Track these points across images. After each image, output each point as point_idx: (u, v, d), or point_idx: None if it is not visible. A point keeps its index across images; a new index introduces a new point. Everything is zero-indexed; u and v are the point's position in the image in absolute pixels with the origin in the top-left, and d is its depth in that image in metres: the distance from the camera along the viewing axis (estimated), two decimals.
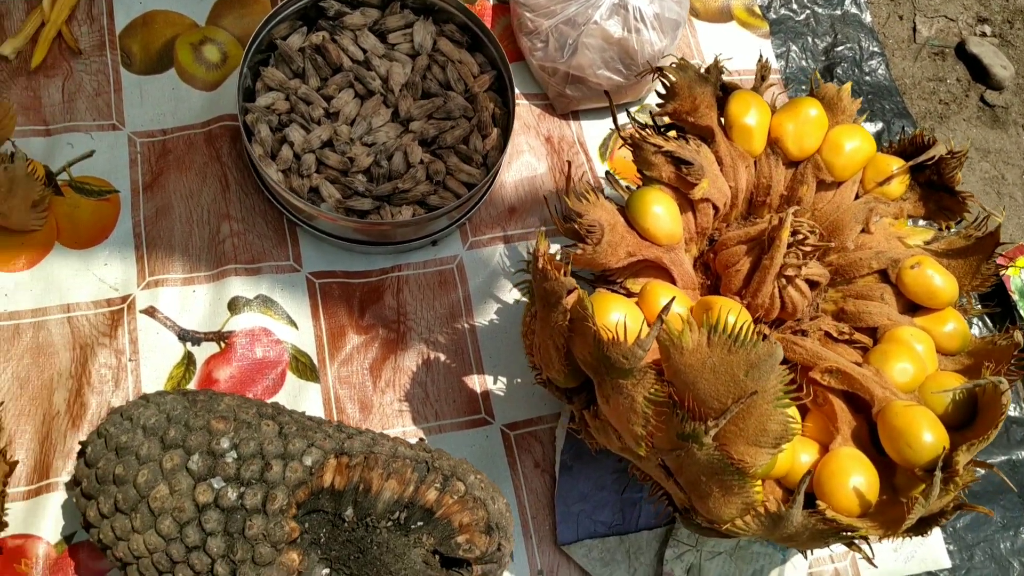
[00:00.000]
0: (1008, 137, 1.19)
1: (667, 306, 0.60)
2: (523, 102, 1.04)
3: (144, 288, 0.88)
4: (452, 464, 0.71)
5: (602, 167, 1.03)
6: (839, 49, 1.18)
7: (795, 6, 1.20)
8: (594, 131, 1.05)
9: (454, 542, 0.68)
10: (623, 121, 1.05)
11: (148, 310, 0.87)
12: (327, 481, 0.68)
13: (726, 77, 0.82)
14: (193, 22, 1.01)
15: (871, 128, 1.14)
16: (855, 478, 0.64)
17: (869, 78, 1.18)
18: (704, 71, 0.80)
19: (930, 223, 0.93)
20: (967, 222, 0.81)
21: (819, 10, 1.21)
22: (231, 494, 0.66)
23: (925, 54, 1.24)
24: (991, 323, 1.05)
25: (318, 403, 0.87)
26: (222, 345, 0.87)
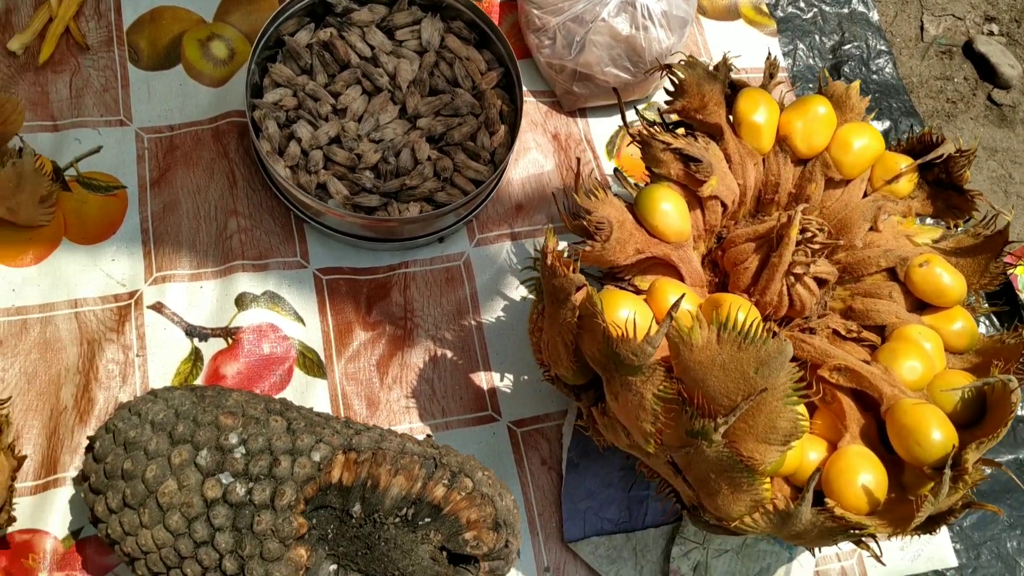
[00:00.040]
0: (1015, 136, 1.19)
1: (677, 303, 0.60)
2: (530, 99, 1.04)
3: (151, 284, 0.88)
4: (460, 460, 0.71)
5: (609, 165, 1.03)
6: (846, 47, 1.18)
7: (802, 4, 1.20)
8: (601, 128, 1.05)
9: (462, 538, 0.68)
10: (631, 118, 1.05)
11: (155, 306, 0.87)
12: (335, 477, 0.68)
13: (734, 75, 0.82)
14: (200, 18, 1.01)
15: (878, 126, 1.14)
16: (864, 476, 0.64)
17: (876, 77, 1.17)
18: (713, 68, 0.80)
19: (938, 221, 0.93)
20: (975, 221, 0.81)
21: (826, 8, 1.21)
22: (239, 490, 0.67)
23: (932, 53, 1.24)
24: (998, 322, 1.05)
25: (325, 399, 0.87)
26: (229, 341, 0.87)
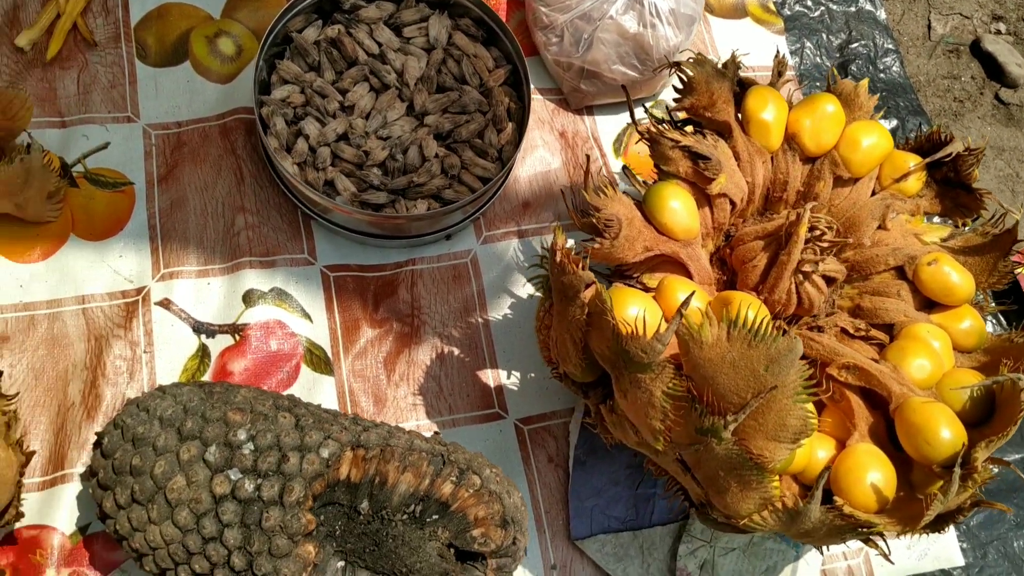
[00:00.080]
0: (1023, 135, 1.19)
1: (687, 300, 0.60)
2: (537, 97, 1.04)
3: (159, 280, 0.88)
4: (468, 458, 0.71)
5: (616, 162, 1.03)
6: (853, 46, 1.18)
7: (809, 3, 1.20)
8: (608, 126, 1.05)
9: (469, 535, 0.68)
10: (639, 116, 1.05)
11: (163, 302, 0.88)
12: (343, 474, 0.68)
13: (741, 73, 0.82)
14: (208, 15, 1.01)
15: (886, 125, 1.14)
16: (872, 474, 0.64)
17: (884, 75, 1.17)
18: (721, 66, 0.80)
19: (945, 220, 0.93)
20: (983, 219, 0.81)
21: (834, 7, 1.20)
22: (248, 486, 0.67)
23: (940, 52, 1.23)
24: (1005, 321, 1.04)
25: (332, 396, 0.87)
26: (237, 338, 0.87)
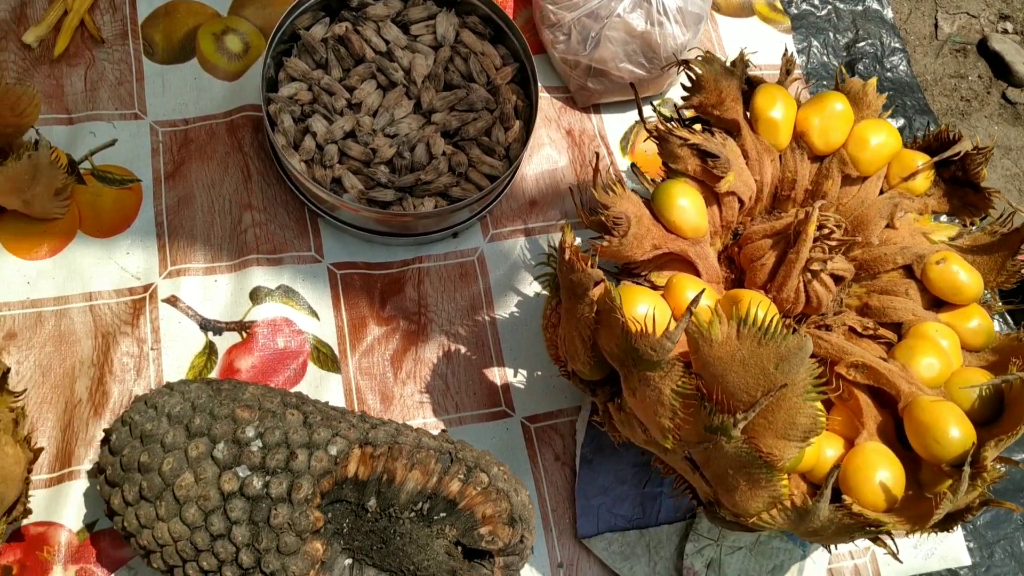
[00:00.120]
0: None
1: (697, 298, 0.60)
2: (544, 95, 1.04)
3: (166, 277, 0.88)
4: (475, 455, 0.71)
5: (622, 161, 1.03)
6: (860, 45, 1.18)
7: (816, 1, 1.20)
8: (615, 125, 1.05)
9: (477, 533, 0.68)
10: (647, 114, 1.05)
11: (170, 299, 0.88)
12: (351, 471, 0.68)
13: (748, 71, 0.82)
14: (215, 12, 1.01)
15: (893, 124, 1.13)
16: (881, 473, 0.64)
17: (890, 74, 1.17)
18: (730, 64, 0.80)
19: (953, 219, 0.93)
20: (991, 218, 0.81)
21: (840, 6, 1.20)
22: (256, 483, 0.66)
23: (947, 51, 1.23)
24: (1012, 320, 1.04)
25: (339, 394, 0.87)
26: (244, 335, 0.87)
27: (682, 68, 0.79)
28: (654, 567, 0.84)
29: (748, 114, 0.80)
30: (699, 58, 0.78)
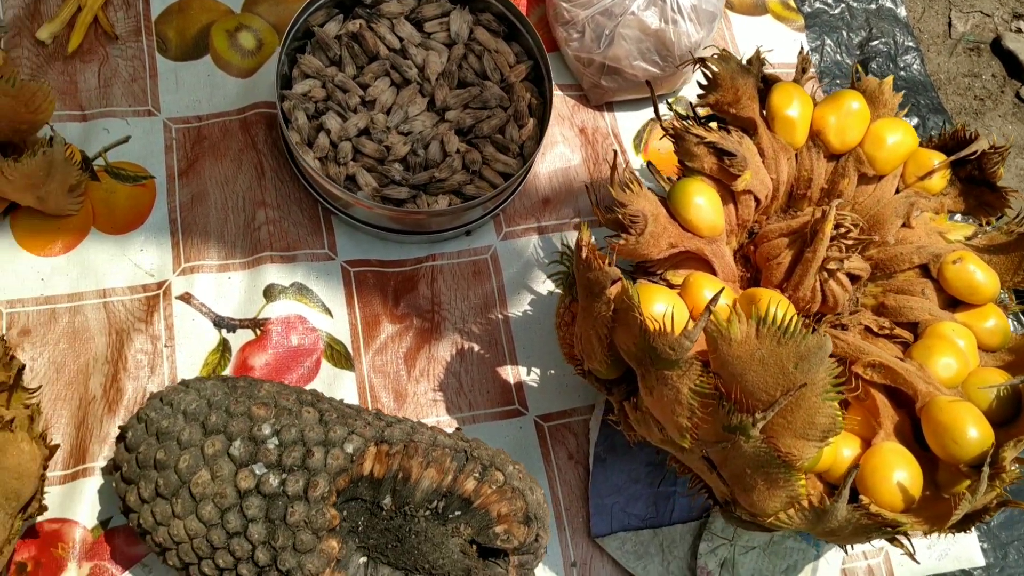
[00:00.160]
0: None
1: (715, 297, 0.60)
2: (557, 93, 1.04)
3: (180, 274, 0.88)
4: (491, 454, 0.71)
5: (636, 159, 1.03)
6: (874, 43, 1.17)
7: (830, 0, 1.19)
8: (628, 123, 1.04)
9: (492, 532, 0.68)
10: (663, 112, 1.05)
11: (184, 296, 0.88)
12: (367, 469, 0.68)
13: (764, 69, 0.81)
14: (228, 9, 1.01)
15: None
16: (899, 473, 0.64)
17: (904, 73, 1.17)
18: (746, 62, 0.79)
19: (969, 218, 0.92)
20: (1008, 218, 0.81)
21: (854, 4, 1.20)
22: (273, 480, 0.66)
23: (960, 49, 1.23)
24: None
25: (352, 391, 0.87)
26: (257, 332, 0.87)
27: (698, 66, 0.79)
28: (667, 566, 0.84)
29: (764, 112, 0.80)
30: (715, 56, 0.78)
